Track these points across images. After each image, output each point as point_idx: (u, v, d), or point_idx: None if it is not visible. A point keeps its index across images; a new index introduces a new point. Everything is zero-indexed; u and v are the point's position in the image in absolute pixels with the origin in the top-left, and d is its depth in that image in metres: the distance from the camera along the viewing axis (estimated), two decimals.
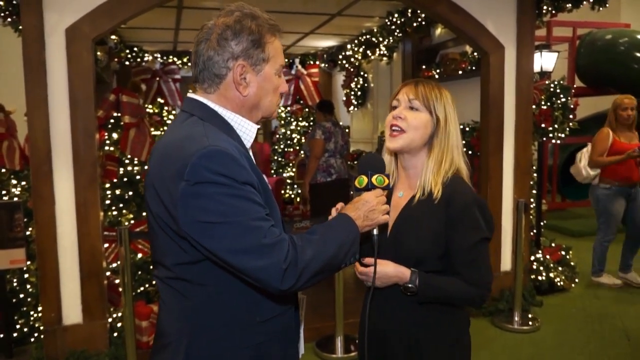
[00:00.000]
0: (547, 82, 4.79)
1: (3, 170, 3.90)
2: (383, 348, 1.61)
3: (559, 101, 4.64)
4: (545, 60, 5.54)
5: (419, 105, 1.54)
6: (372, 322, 1.61)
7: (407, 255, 1.53)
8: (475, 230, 1.52)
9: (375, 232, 1.43)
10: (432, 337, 1.56)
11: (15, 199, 3.71)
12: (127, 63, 6.99)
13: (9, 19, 3.37)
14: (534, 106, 4.29)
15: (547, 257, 4.63)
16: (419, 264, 1.52)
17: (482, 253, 1.54)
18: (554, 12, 4.19)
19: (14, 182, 3.90)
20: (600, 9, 4.12)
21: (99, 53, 5.25)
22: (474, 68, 4.94)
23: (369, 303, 1.53)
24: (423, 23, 5.25)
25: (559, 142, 4.82)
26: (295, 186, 8.02)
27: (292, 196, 8.09)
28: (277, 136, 8.74)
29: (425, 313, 1.56)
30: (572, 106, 4.69)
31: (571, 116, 4.69)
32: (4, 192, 3.86)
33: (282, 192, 7.90)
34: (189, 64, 7.44)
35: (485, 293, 1.55)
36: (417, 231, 1.54)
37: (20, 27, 3.08)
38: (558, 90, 4.65)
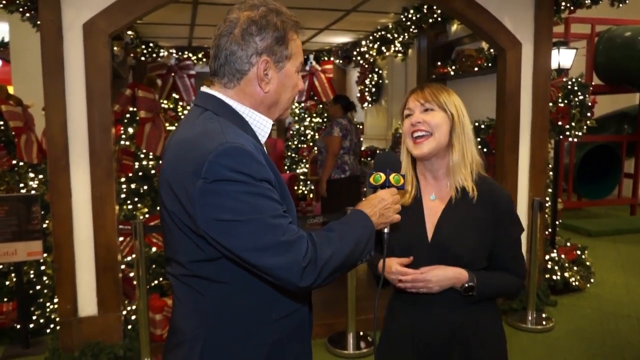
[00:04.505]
0: (564, 79, 4.73)
1: (21, 163, 3.95)
2: (435, 351, 1.57)
3: (576, 99, 4.58)
4: (562, 58, 5.47)
5: (432, 106, 1.55)
6: (414, 333, 1.59)
7: (454, 260, 1.52)
8: (517, 225, 1.60)
9: (386, 230, 1.41)
10: (484, 336, 1.58)
11: (33, 192, 3.77)
12: (142, 58, 7.05)
13: (28, 14, 3.41)
14: (550, 104, 4.24)
15: (562, 256, 4.59)
16: (468, 265, 1.52)
17: (521, 245, 1.64)
18: (572, 8, 4.13)
19: (31, 175, 3.95)
20: (620, 5, 4.05)
21: (115, 48, 5.30)
22: (490, 65, 4.90)
23: (377, 302, 1.47)
24: (439, 19, 5.21)
25: (576, 140, 4.75)
26: (309, 182, 8.02)
27: (306, 192, 8.10)
28: (291, 132, 8.75)
29: (475, 313, 1.56)
30: (589, 104, 4.63)
31: (589, 114, 4.63)
32: (21, 185, 3.92)
33: (296, 188, 7.91)
34: (204, 59, 7.57)
35: (524, 282, 1.65)
36: (464, 235, 1.53)
37: (39, 22, 3.11)
38: (576, 88, 4.59)
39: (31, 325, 3.60)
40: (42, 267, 3.75)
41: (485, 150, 4.47)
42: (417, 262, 1.53)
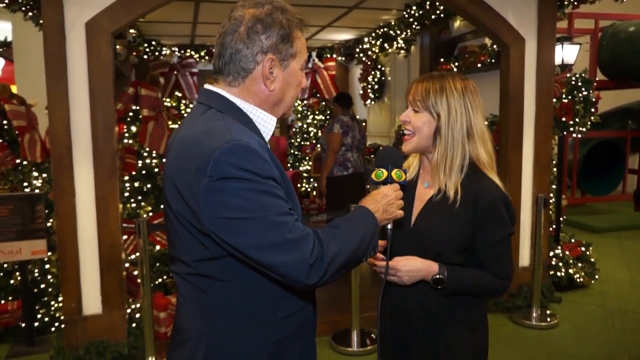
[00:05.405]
0: (568, 75, 4.71)
1: (25, 162, 3.96)
2: (405, 334, 1.61)
3: (580, 95, 4.55)
4: (566, 53, 5.45)
5: (419, 107, 1.57)
6: (394, 308, 1.63)
7: (428, 246, 1.54)
8: (502, 226, 1.56)
9: (389, 226, 1.41)
10: (457, 320, 1.58)
11: (37, 190, 3.78)
12: (145, 57, 7.05)
13: (30, 13, 3.41)
14: (554, 100, 4.22)
15: (567, 253, 4.57)
16: (439, 256, 1.53)
17: (507, 247, 1.60)
18: (575, 3, 4.11)
19: (35, 174, 3.96)
20: (624, 0, 4.03)
21: (118, 47, 5.30)
22: (493, 61, 4.88)
23: (381, 300, 1.50)
24: (441, 15, 5.20)
25: (579, 136, 4.73)
26: (312, 180, 8.03)
27: (309, 190, 8.10)
28: (294, 130, 8.75)
29: (450, 305, 1.57)
30: (593, 100, 4.61)
31: (592, 110, 4.61)
32: (25, 184, 3.93)
33: (299, 185, 7.91)
34: (207, 57, 7.57)
35: (507, 284, 1.61)
36: (441, 224, 1.55)
37: (41, 21, 3.11)
38: (579, 84, 4.57)
39: (36, 324, 3.61)
40: (47, 266, 3.76)
41: None
42: (397, 247, 1.53)
